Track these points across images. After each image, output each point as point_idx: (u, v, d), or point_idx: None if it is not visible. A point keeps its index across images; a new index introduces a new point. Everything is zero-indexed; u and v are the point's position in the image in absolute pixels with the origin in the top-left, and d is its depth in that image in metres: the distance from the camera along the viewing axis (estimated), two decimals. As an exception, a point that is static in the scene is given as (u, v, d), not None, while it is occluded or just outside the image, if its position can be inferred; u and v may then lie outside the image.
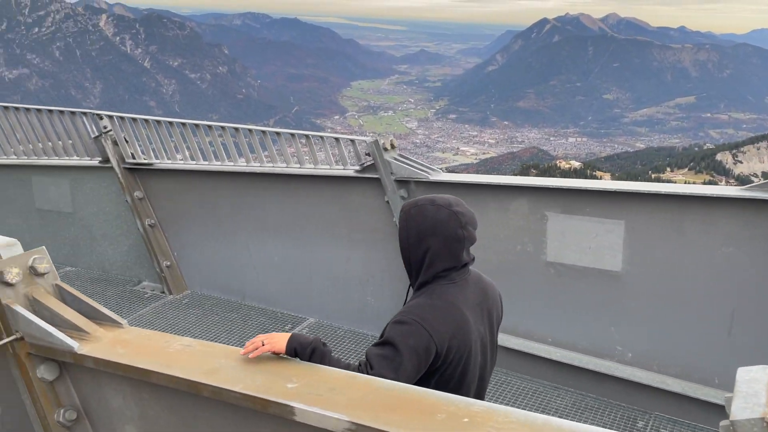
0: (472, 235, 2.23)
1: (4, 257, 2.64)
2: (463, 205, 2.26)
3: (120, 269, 6.81)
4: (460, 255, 2.22)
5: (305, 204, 5.72)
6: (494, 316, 2.37)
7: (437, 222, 2.19)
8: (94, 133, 6.27)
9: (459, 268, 2.23)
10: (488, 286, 2.38)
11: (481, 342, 2.27)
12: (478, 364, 2.27)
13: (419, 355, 2.09)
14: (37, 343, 2.48)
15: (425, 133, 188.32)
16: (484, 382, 2.37)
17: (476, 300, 2.27)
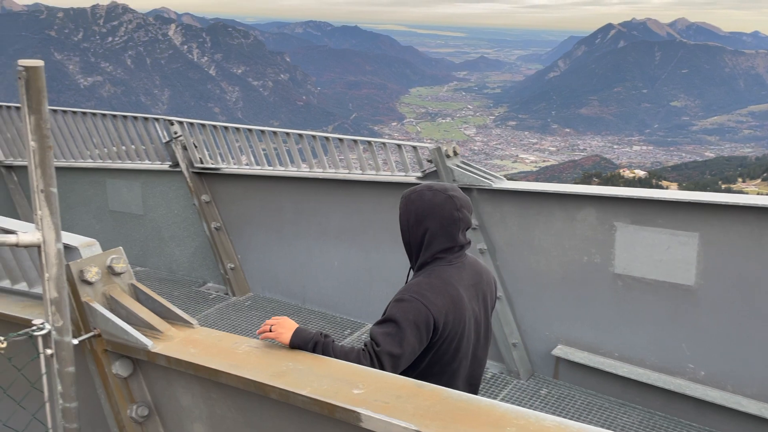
0: (467, 218, 2.41)
1: (84, 257, 2.76)
2: (458, 191, 2.45)
3: (186, 270, 7.01)
4: (456, 236, 2.39)
5: (367, 210, 5.75)
6: (488, 298, 2.51)
7: (434, 205, 2.37)
8: (165, 139, 6.50)
9: (456, 249, 2.40)
10: (483, 270, 2.54)
11: (474, 320, 2.42)
12: (471, 341, 2.42)
13: (420, 329, 2.25)
14: (114, 340, 2.58)
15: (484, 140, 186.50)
16: (478, 359, 2.50)
17: (471, 281, 2.43)
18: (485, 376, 5.27)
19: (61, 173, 7.36)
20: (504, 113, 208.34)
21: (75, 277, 2.60)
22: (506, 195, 5.03)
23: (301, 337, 2.31)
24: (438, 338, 2.30)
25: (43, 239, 2.36)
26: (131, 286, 2.78)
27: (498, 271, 5.22)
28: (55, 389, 2.50)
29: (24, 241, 2.34)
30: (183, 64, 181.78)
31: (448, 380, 2.38)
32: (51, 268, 2.39)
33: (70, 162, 7.27)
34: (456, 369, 2.39)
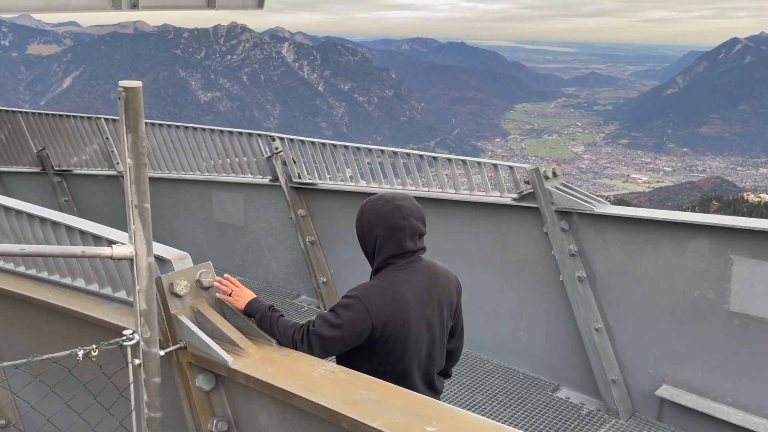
0: (413, 226, 2.61)
1: (176, 269, 2.85)
2: (409, 200, 2.65)
3: (281, 282, 7.18)
4: (404, 242, 2.58)
5: (459, 230, 5.61)
6: (444, 300, 2.67)
7: (383, 214, 2.58)
8: (267, 154, 6.71)
9: (406, 255, 2.60)
10: (441, 274, 2.71)
11: (426, 323, 2.57)
12: (424, 342, 2.58)
13: (355, 325, 2.46)
14: (198, 353, 2.63)
15: (592, 159, 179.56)
16: (434, 359, 2.66)
17: (424, 285, 2.60)
18: (580, 413, 4.96)
19: (172, 184, 7.80)
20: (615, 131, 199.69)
21: (165, 289, 2.68)
22: (609, 220, 4.73)
23: (254, 307, 2.62)
24: (380, 336, 2.48)
25: (135, 253, 2.45)
26: (218, 300, 2.84)
27: (598, 300, 4.91)
28: (141, 398, 2.58)
29: (118, 254, 2.44)
30: (294, 80, 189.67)
31: (402, 378, 2.53)
32: (142, 281, 2.47)
33: (181, 174, 7.68)
34: (407, 368, 2.57)
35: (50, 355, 2.43)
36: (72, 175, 8.96)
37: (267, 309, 2.61)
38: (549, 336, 5.30)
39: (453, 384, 5.26)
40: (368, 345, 2.52)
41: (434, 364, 2.69)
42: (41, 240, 3.58)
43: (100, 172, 8.73)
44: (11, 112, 9.19)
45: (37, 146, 8.98)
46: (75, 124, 8.76)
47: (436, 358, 2.68)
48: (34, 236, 3.62)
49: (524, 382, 5.33)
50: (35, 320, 3.79)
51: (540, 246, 5.09)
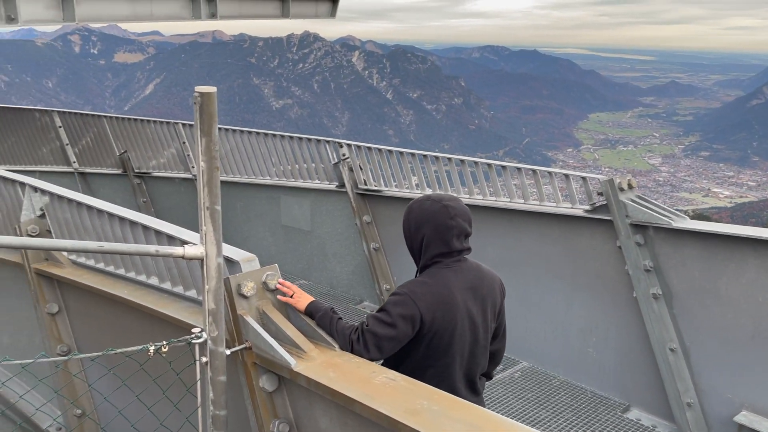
0: (461, 226, 2.63)
1: (244, 271, 2.91)
2: (456, 201, 2.70)
3: (345, 287, 7.23)
4: (451, 241, 2.62)
5: (527, 241, 5.49)
6: (489, 301, 2.70)
7: (431, 213, 2.64)
8: (334, 160, 6.79)
9: (453, 254, 2.64)
10: (486, 274, 2.75)
11: (470, 320, 2.62)
12: (466, 340, 2.62)
13: (406, 321, 2.53)
14: (262, 354, 2.67)
15: (670, 171, 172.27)
16: (476, 359, 2.69)
17: (470, 284, 2.64)
18: (651, 436, 4.73)
19: (243, 188, 8.02)
20: (695, 142, 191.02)
21: (233, 290, 2.74)
22: (688, 236, 4.51)
23: (315, 307, 2.69)
24: (427, 331, 2.54)
25: (205, 253, 2.51)
26: (282, 302, 2.87)
27: (674, 319, 4.68)
28: (207, 396, 2.64)
29: (189, 254, 2.51)
30: (363, 88, 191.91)
31: (444, 374, 2.60)
32: (211, 281, 2.54)
33: (251, 178, 7.89)
34: (449, 364, 2.62)
35: (123, 349, 2.52)
36: (151, 177, 9.36)
37: (328, 309, 2.68)
38: (620, 354, 5.10)
39: (517, 399, 5.14)
40: (415, 340, 2.57)
41: (477, 364, 2.73)
42: (120, 238, 3.74)
43: (176, 174, 9.08)
44: (97, 116, 9.71)
45: (120, 149, 9.44)
46: (154, 128, 9.16)
47: (479, 358, 2.73)
48: (113, 234, 3.79)
49: (592, 400, 5.14)
50: (112, 315, 3.96)
51: (612, 260, 4.91)
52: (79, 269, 4.21)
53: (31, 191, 4.34)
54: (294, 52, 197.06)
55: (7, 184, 4.65)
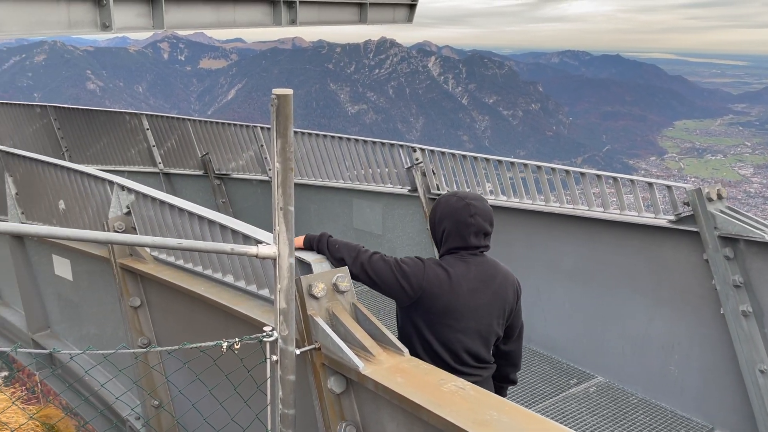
0: (480, 224, 2.82)
1: (315, 272, 2.93)
2: (481, 201, 2.86)
3: (416, 292, 7.20)
4: (468, 237, 2.81)
5: (606, 252, 5.28)
6: (499, 296, 2.87)
7: (454, 209, 2.83)
8: (407, 165, 6.78)
9: (469, 249, 2.82)
10: (500, 273, 2.90)
11: (474, 311, 2.81)
12: (469, 325, 2.81)
13: (406, 277, 2.80)
14: (331, 355, 2.68)
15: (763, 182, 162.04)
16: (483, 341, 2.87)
17: (480, 277, 2.82)
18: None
19: (317, 191, 8.14)
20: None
21: (304, 290, 2.77)
22: (784, 250, 4.20)
23: (308, 238, 2.98)
24: (426, 299, 2.77)
25: (278, 253, 2.55)
26: (352, 305, 2.87)
27: (765, 339, 4.37)
28: (276, 394, 2.67)
29: (262, 253, 2.55)
30: (438, 93, 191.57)
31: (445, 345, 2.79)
32: (283, 280, 2.57)
33: (325, 181, 8.00)
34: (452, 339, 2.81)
35: (197, 345, 2.59)
36: (230, 178, 9.67)
37: (324, 234, 2.97)
38: (704, 373, 4.81)
39: (592, 415, 4.94)
40: (415, 307, 2.82)
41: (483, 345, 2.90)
42: (198, 236, 3.87)
43: (254, 176, 9.35)
44: (181, 119, 10.14)
45: (202, 151, 9.81)
46: (234, 131, 9.46)
47: (486, 340, 2.91)
48: (192, 232, 3.92)
49: (673, 420, 4.87)
50: (189, 310, 4.10)
51: (698, 274, 4.64)
52: (160, 265, 4.38)
53: (118, 189, 4.56)
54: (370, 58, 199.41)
55: (97, 183, 4.90)
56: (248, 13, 9.48)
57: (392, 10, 12.52)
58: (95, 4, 6.87)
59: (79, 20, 6.72)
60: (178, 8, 8.10)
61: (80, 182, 5.13)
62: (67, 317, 5.81)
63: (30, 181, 5.86)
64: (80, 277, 5.38)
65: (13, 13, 6.11)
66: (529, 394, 5.22)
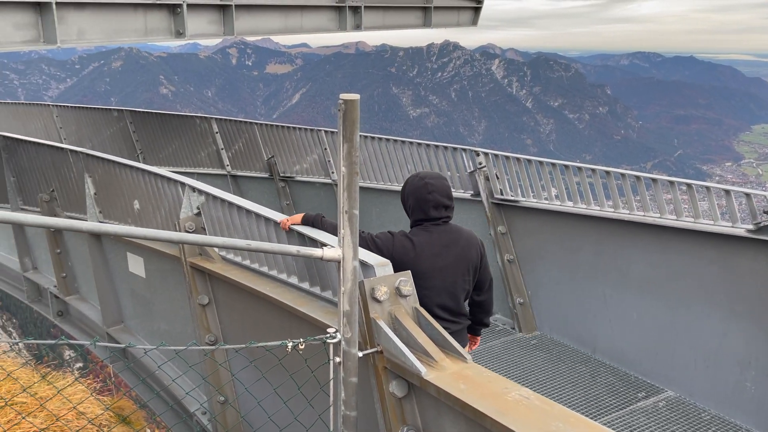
0: (437, 199, 3.33)
1: (377, 275, 2.95)
2: (438, 179, 3.39)
3: (477, 298, 7.11)
4: (428, 211, 3.34)
5: (678, 261, 5.07)
6: (462, 257, 3.38)
7: (415, 188, 3.38)
8: (470, 168, 6.72)
9: (431, 220, 3.35)
10: (463, 237, 3.43)
11: (440, 271, 3.30)
12: (435, 284, 3.27)
13: (378, 248, 3.24)
14: (393, 359, 2.68)
15: None
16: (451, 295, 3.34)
17: (443, 243, 3.34)
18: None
19: (379, 194, 8.18)
20: None
21: (367, 293, 2.78)
22: None
23: (306, 216, 3.51)
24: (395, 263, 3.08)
25: (342, 256, 2.57)
26: (414, 309, 2.87)
27: None
28: (339, 396, 2.70)
29: (327, 255, 2.58)
30: (501, 97, 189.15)
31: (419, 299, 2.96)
32: (347, 283, 2.59)
33: (387, 185, 8.03)
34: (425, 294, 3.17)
35: (264, 344, 2.64)
36: (294, 181, 9.86)
37: (319, 215, 3.50)
38: (783, 392, 4.55)
39: (662, 430, 4.75)
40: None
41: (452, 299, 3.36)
42: (265, 237, 3.96)
43: (317, 179, 9.49)
44: (249, 123, 10.41)
45: (268, 154, 10.04)
46: (299, 135, 9.64)
47: (454, 294, 3.37)
48: (259, 233, 4.02)
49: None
50: (255, 309, 4.20)
51: (779, 287, 4.39)
52: (228, 265, 4.51)
53: (189, 191, 4.72)
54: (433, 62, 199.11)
55: (170, 184, 5.09)
56: (315, 19, 9.65)
57: (457, 13, 12.46)
58: (170, 13, 7.15)
59: (154, 28, 7.01)
60: (248, 15, 8.33)
61: (154, 183, 5.34)
62: (140, 313, 6.06)
63: (108, 182, 6.14)
64: (152, 274, 5.60)
65: (94, 22, 6.43)
66: (594, 406, 5.07)
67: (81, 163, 6.43)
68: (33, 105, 13.91)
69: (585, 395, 5.22)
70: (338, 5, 9.84)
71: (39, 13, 5.68)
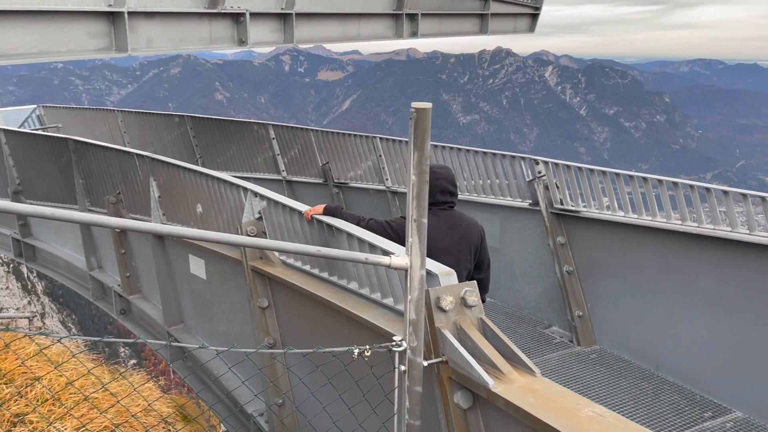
0: (442, 185, 3.83)
1: (442, 285, 2.92)
2: (443, 168, 3.93)
3: (532, 309, 6.99)
4: (435, 195, 3.79)
5: (750, 277, 4.86)
6: (465, 238, 3.89)
7: None
8: (529, 177, 6.62)
9: (438, 204, 3.83)
10: (466, 222, 3.95)
11: (445, 251, 3.69)
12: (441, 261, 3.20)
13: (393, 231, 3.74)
14: (458, 370, 2.65)
15: None
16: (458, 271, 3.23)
17: (448, 225, 3.84)
18: None
19: (435, 201, 8.15)
20: None
21: (432, 303, 2.76)
22: None
23: (327, 207, 3.96)
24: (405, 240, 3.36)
25: (410, 264, 2.57)
26: (480, 320, 2.83)
27: None
28: (403, 404, 2.69)
29: (395, 263, 2.58)
30: (554, 104, 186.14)
31: None
32: (413, 291, 2.58)
33: (443, 192, 7.98)
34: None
35: (330, 349, 2.65)
36: (348, 187, 9.93)
37: (339, 206, 3.97)
38: None
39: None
40: None
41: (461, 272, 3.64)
42: (325, 243, 3.99)
43: (371, 186, 9.52)
44: (305, 129, 10.55)
45: (323, 160, 10.15)
46: (354, 142, 9.70)
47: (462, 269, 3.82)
48: (320, 239, 4.05)
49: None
50: (314, 314, 4.23)
51: None
52: (287, 269, 4.56)
53: (252, 196, 4.80)
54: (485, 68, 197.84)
55: (232, 189, 5.20)
56: (372, 27, 9.72)
57: (514, 20, 12.35)
58: (234, 22, 7.33)
59: (219, 36, 7.19)
60: (308, 23, 8.45)
61: (217, 188, 5.46)
62: (199, 313, 6.20)
63: (172, 185, 6.32)
64: (213, 276, 5.72)
65: (162, 30, 6.65)
66: (658, 425, 4.90)
67: (147, 166, 6.64)
68: (99, 110, 14.47)
69: (648, 413, 5.05)
70: (395, 13, 9.89)
71: (111, 23, 5.91)
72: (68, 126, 13.97)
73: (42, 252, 9.69)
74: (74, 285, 9.19)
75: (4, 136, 9.61)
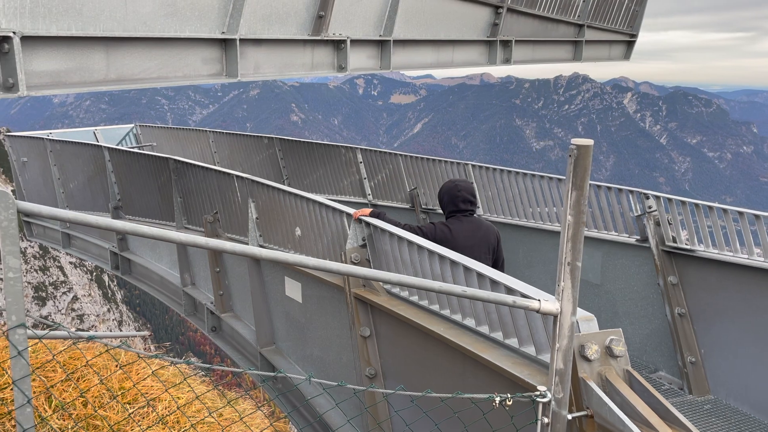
0: (464, 195, 4.68)
1: (582, 331, 2.74)
2: (464, 182, 4.84)
3: (637, 352, 6.60)
4: (458, 204, 4.66)
5: None
6: (484, 240, 4.67)
7: (449, 188, 4.75)
8: (637, 212, 6.29)
9: (460, 211, 4.67)
10: (484, 226, 4.73)
11: (470, 250, 4.28)
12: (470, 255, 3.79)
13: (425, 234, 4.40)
14: (606, 426, 2.45)
15: None
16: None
17: (471, 228, 4.64)
18: None
19: (528, 233, 7.90)
20: None
21: (576, 351, 2.59)
22: None
23: (373, 212, 4.62)
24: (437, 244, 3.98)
25: (560, 310, 2.41)
26: (626, 372, 2.63)
27: None
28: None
29: (544, 308, 2.43)
30: (633, 131, 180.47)
31: None
32: (562, 340, 2.42)
33: (538, 224, 7.73)
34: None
35: (470, 395, 2.51)
36: (436, 213, 9.80)
37: (383, 212, 4.65)
38: None
39: None
40: None
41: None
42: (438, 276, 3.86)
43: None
44: (393, 154, 10.53)
45: (410, 185, 10.08)
46: (444, 168, 9.60)
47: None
48: (431, 271, 3.93)
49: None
50: (421, 348, 4.09)
51: None
52: (393, 299, 4.46)
53: (356, 222, 4.75)
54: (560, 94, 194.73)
55: (334, 214, 5.17)
56: (465, 53, 9.65)
57: (608, 47, 12.01)
58: (335, 48, 7.42)
59: (320, 62, 7.29)
60: (404, 50, 8.47)
61: (317, 212, 5.46)
62: (293, 336, 6.19)
63: (270, 208, 6.39)
64: (309, 300, 5.70)
65: (269, 57, 6.79)
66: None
67: (246, 188, 6.75)
68: (192, 130, 15.03)
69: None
70: (489, 39, 9.78)
71: (224, 49, 6.08)
72: (162, 144, 14.56)
73: (137, 266, 10.05)
74: (167, 300, 9.45)
75: (108, 154, 10.07)
